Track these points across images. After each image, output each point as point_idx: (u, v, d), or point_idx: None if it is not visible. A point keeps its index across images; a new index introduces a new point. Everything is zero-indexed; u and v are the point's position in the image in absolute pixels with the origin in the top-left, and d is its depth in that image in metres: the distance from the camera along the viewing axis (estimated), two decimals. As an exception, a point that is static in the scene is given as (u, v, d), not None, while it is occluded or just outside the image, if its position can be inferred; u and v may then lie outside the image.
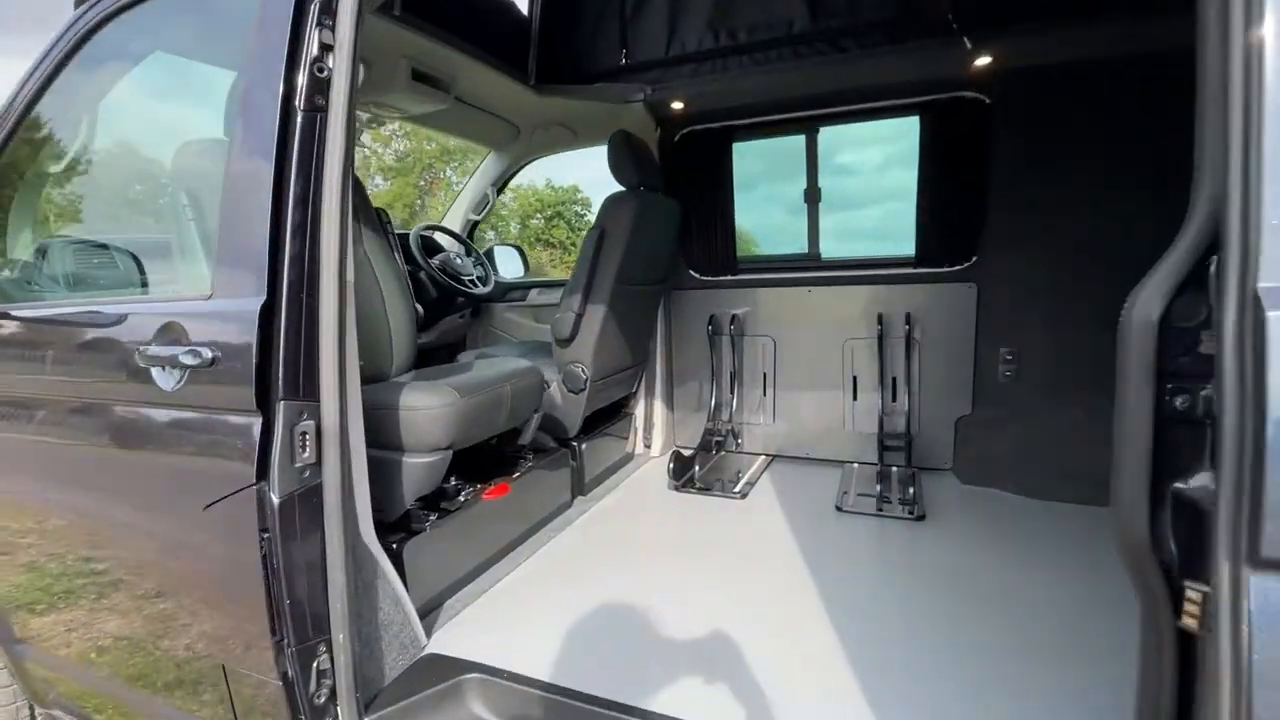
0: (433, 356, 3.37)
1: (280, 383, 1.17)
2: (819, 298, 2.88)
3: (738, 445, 3.07)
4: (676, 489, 2.59)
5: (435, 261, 2.96)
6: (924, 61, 2.33)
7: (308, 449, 1.21)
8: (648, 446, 3.13)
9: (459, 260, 3.07)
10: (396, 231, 2.97)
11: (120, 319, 1.36)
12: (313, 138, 1.21)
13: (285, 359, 1.18)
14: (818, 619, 1.61)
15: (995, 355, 2.56)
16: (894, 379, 2.78)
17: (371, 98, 2.29)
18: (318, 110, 1.21)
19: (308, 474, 1.22)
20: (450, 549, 1.73)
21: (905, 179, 2.73)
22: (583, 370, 2.43)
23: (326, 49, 1.22)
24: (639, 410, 3.12)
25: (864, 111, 2.68)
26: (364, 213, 2.09)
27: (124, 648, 1.48)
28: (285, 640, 1.21)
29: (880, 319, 2.73)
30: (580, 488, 2.54)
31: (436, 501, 1.75)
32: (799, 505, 2.40)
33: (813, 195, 2.88)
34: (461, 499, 1.75)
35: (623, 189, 2.45)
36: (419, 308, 2.30)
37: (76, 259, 1.61)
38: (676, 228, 2.83)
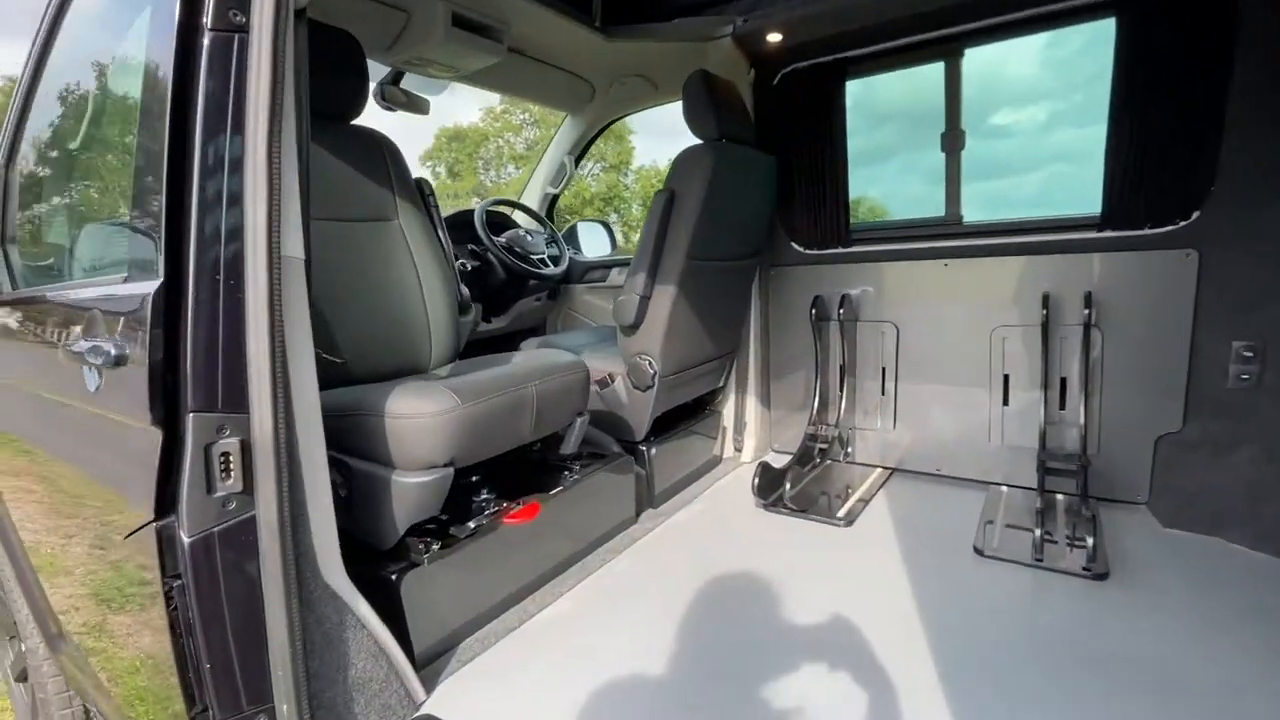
0: (506, 343, 3.15)
1: (189, 389, 0.91)
2: (959, 273, 2.25)
3: (847, 455, 2.53)
4: (765, 508, 2.14)
5: (501, 240, 2.69)
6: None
7: (231, 474, 0.95)
8: (738, 450, 2.69)
9: (529, 238, 2.79)
10: (467, 208, 2.75)
11: (67, 305, 1.18)
12: (228, 68, 0.91)
13: (194, 359, 0.91)
14: (939, 712, 1.13)
15: (1224, 350, 1.82)
16: (1063, 380, 2.10)
17: (411, 52, 2.03)
18: (234, 30, 0.92)
19: (233, 505, 0.95)
20: (464, 582, 1.43)
21: (1076, 139, 2.03)
22: (650, 364, 2.04)
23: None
24: (728, 408, 2.68)
25: (1028, 21, 2.00)
26: (400, 184, 1.84)
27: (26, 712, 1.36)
28: (209, 712, 0.97)
29: (1046, 300, 2.06)
30: (649, 499, 2.17)
31: (446, 525, 1.46)
32: (922, 541, 1.85)
33: (953, 141, 2.24)
34: (471, 525, 1.44)
35: (699, 142, 2.01)
36: (463, 290, 2.02)
37: (55, 238, 1.49)
38: (771, 190, 2.33)
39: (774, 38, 2.24)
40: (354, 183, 1.76)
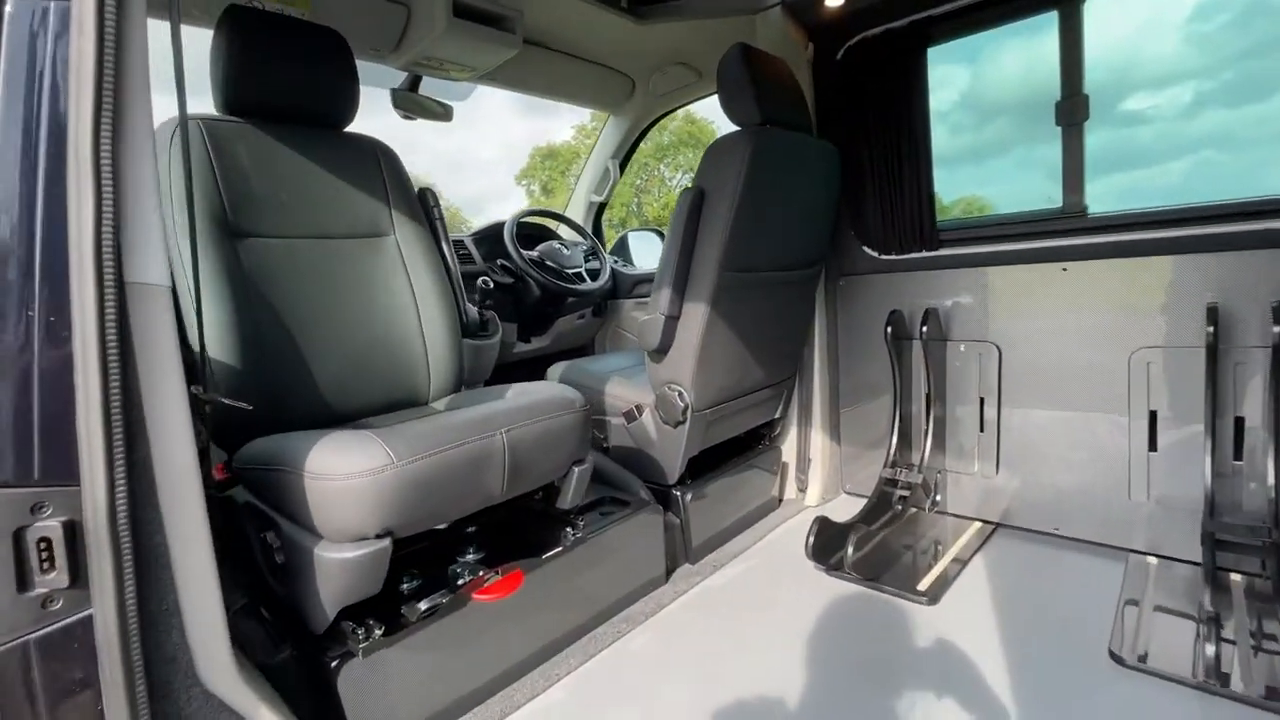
0: (546, 364, 2.93)
1: (-13, 458, 0.71)
2: (1083, 279, 1.76)
3: (934, 504, 2.07)
4: (826, 571, 1.74)
5: (534, 254, 2.47)
6: None
7: (55, 565, 0.74)
8: (801, 492, 2.29)
9: (564, 251, 2.55)
10: (500, 220, 2.56)
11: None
12: (34, 43, 0.71)
13: (-8, 418, 0.71)
14: None
15: None
16: (1239, 420, 1.56)
17: (417, 51, 1.85)
18: (49, -3, 0.72)
19: (57, 605, 0.74)
20: (424, 670, 1.18)
21: (1228, 120, 1.50)
22: (681, 395, 1.72)
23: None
24: (789, 441, 2.29)
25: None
26: (397, 195, 1.65)
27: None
28: None
29: (1213, 313, 1.54)
30: (685, 552, 1.84)
31: (398, 599, 1.21)
32: (1035, 633, 1.40)
33: (1073, 110, 1.75)
34: (424, 606, 1.18)
35: (736, 129, 1.67)
36: (470, 311, 1.80)
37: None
38: (834, 184, 1.94)
39: (834, 2, 1.87)
40: (344, 196, 1.58)
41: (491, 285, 2.17)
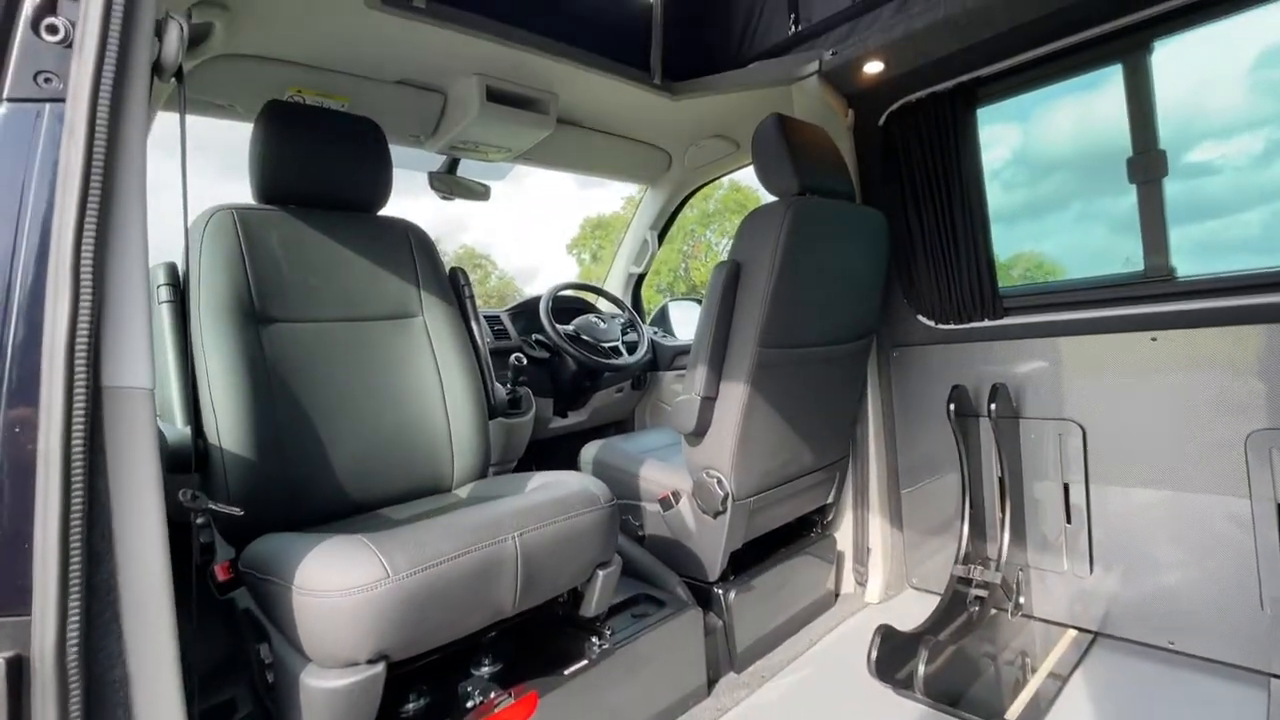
0: (590, 438, 2.83)
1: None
2: (1177, 350, 1.55)
3: (1018, 608, 1.81)
4: (894, 689, 1.51)
5: (570, 328, 2.42)
6: None
7: (-7, 709, 0.65)
8: (861, 585, 2.05)
9: (601, 324, 2.49)
10: (536, 295, 2.54)
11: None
12: (27, 148, 0.69)
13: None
14: None
15: None
16: None
17: (454, 134, 1.87)
18: (45, 101, 0.70)
19: (-8, 760, 0.65)
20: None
21: None
22: (720, 483, 1.58)
23: (65, -7, 0.72)
24: (844, 528, 2.08)
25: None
26: (428, 276, 1.63)
27: None
28: None
29: None
30: (729, 660, 1.64)
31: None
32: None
33: (1149, 166, 1.60)
34: None
35: (774, 199, 1.59)
36: (499, 391, 1.73)
37: None
38: (883, 253, 1.82)
39: (874, 68, 1.80)
40: (374, 278, 1.56)
41: (525, 362, 2.11)
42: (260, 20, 1.43)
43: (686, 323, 3.03)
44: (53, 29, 0.70)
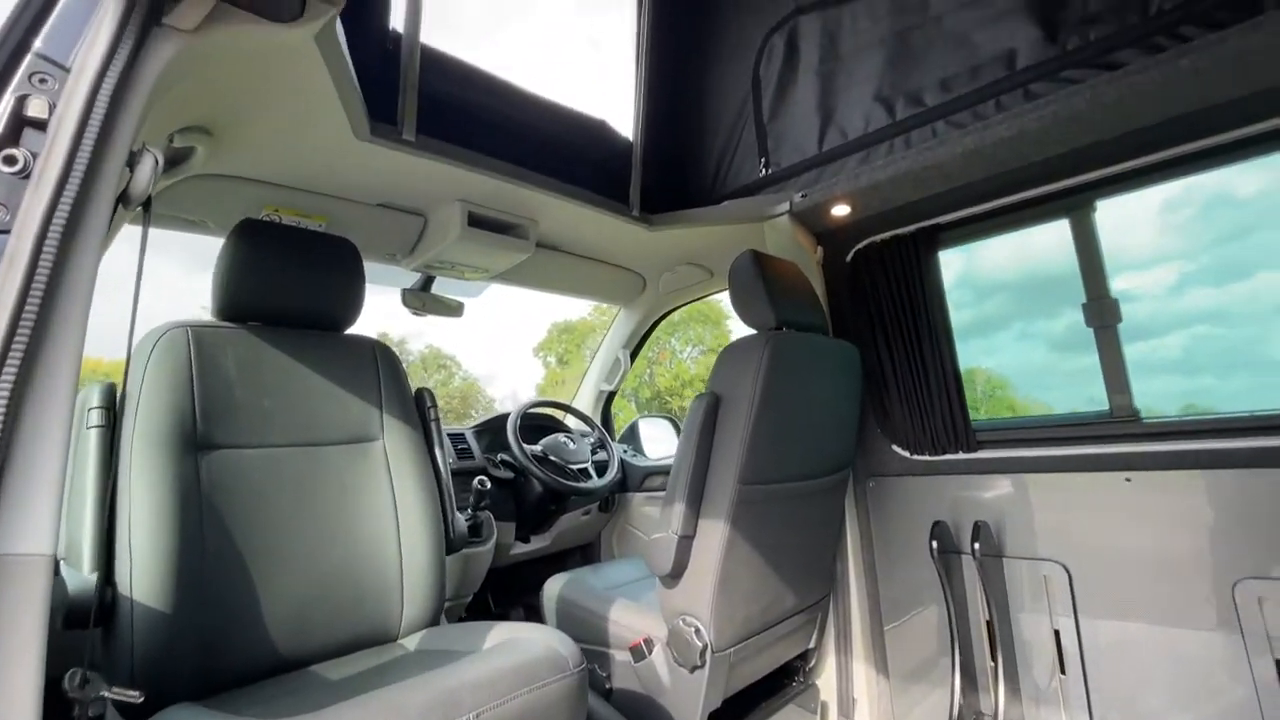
0: (556, 564, 2.65)
1: None
2: (1152, 491, 1.55)
3: (1019, 771, 1.66)
4: None
5: (538, 448, 2.32)
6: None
7: None
8: (847, 740, 1.87)
9: (570, 444, 2.41)
10: (505, 412, 2.46)
11: None
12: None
13: None
14: None
15: None
16: None
17: (432, 255, 1.87)
18: (-13, 232, 0.64)
19: None
20: None
21: (1215, 297, 1.46)
22: (698, 632, 1.45)
23: (31, 125, 0.68)
24: (826, 675, 1.93)
25: (1190, 157, 1.52)
26: (391, 397, 1.55)
27: None
28: None
29: None
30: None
31: None
32: None
33: (1102, 311, 1.68)
34: None
35: (751, 332, 1.60)
36: (459, 522, 1.60)
37: None
38: (857, 385, 1.83)
39: (841, 210, 1.91)
40: (334, 399, 1.47)
41: (489, 485, 2.00)
42: (245, 145, 1.43)
43: (658, 440, 2.97)
44: (10, 160, 0.66)
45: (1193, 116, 1.43)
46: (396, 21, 1.46)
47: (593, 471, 2.40)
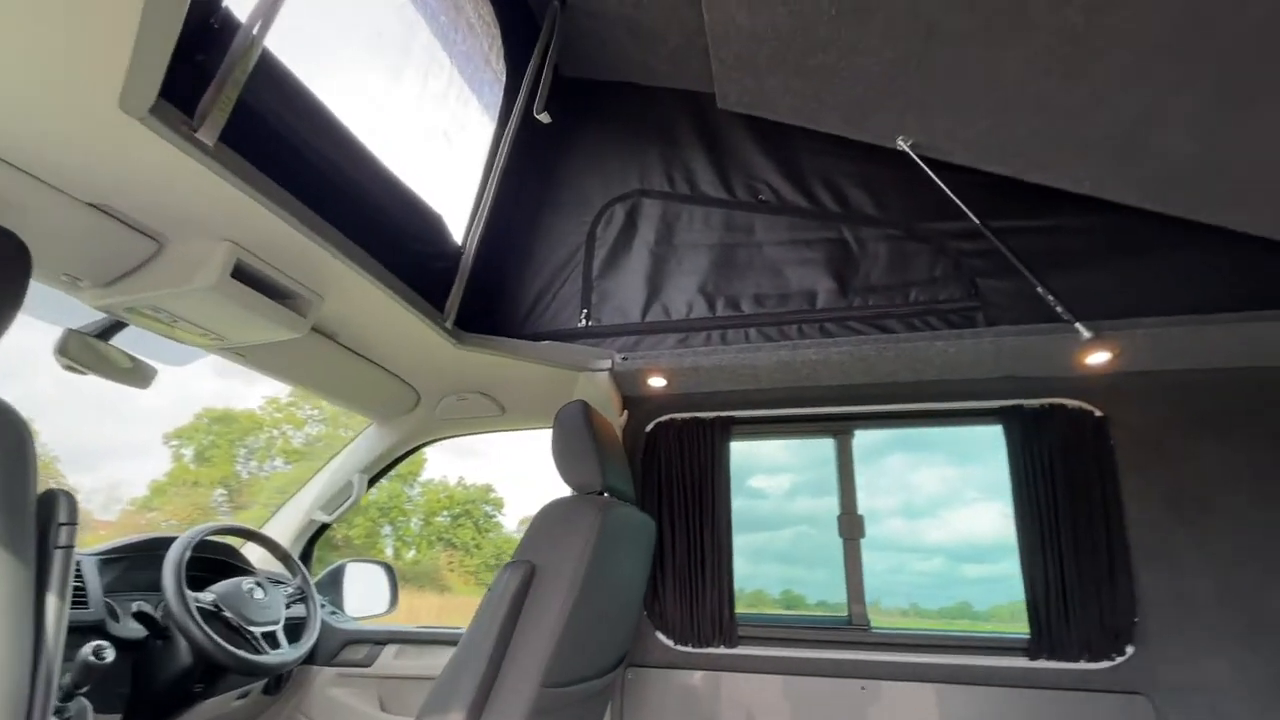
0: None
1: None
2: (879, 702, 1.70)
3: None
4: None
5: (208, 598, 1.62)
6: (1015, 353, 1.67)
7: None
8: None
9: (258, 595, 1.74)
10: (168, 534, 1.71)
11: None
12: None
13: None
14: None
15: None
16: None
17: (152, 296, 1.30)
18: None
19: None
20: None
21: (812, 505, 1.95)
22: None
23: None
24: None
25: (919, 414, 1.93)
26: (8, 498, 0.92)
27: None
28: None
29: None
30: None
31: None
32: None
33: (850, 526, 1.93)
34: None
35: (572, 494, 1.41)
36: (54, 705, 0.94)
37: None
38: (650, 566, 1.74)
39: (655, 381, 1.93)
40: None
41: (107, 659, 1.27)
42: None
43: (366, 595, 2.37)
44: None
45: (936, 384, 1.85)
46: (240, 3, 1.11)
47: (282, 638, 1.74)
